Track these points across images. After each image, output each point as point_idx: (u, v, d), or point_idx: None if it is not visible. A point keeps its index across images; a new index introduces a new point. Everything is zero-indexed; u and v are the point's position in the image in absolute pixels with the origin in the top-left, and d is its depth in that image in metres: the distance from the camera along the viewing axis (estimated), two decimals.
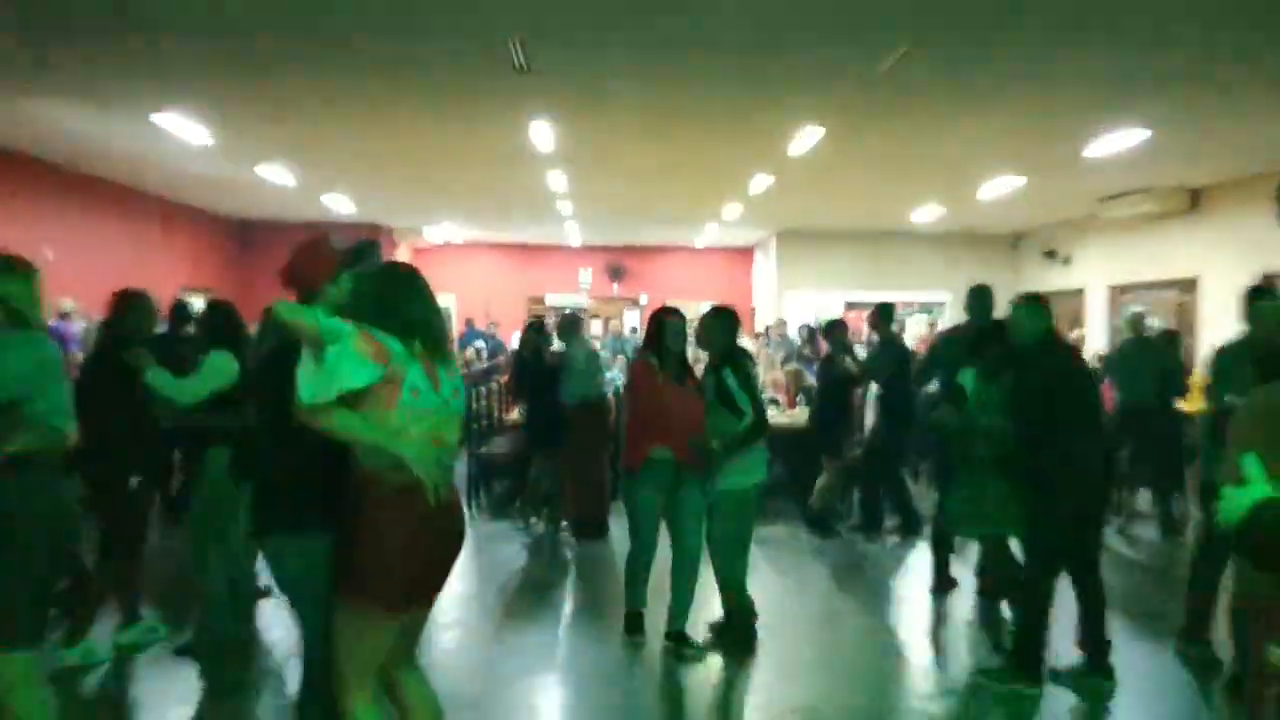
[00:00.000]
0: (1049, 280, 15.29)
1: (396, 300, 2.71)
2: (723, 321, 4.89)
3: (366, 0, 5.62)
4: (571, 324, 7.76)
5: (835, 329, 7.97)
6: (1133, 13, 5.61)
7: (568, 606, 5.80)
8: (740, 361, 4.86)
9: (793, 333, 13.65)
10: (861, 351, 8.84)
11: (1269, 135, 8.67)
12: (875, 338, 7.94)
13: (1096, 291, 14.11)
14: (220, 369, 4.42)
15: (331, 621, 2.68)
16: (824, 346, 8.62)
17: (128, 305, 4.71)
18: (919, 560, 6.72)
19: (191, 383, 4.36)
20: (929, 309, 16.67)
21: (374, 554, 2.59)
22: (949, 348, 6.19)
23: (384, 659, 2.72)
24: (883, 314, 7.72)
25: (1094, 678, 4.38)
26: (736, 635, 4.94)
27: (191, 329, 6.38)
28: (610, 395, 8.01)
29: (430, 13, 5.79)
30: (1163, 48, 6.21)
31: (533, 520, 7.73)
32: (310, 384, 2.50)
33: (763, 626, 5.05)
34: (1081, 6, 5.54)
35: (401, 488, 2.58)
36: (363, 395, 2.55)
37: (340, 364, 2.50)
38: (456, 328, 17.20)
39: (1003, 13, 5.64)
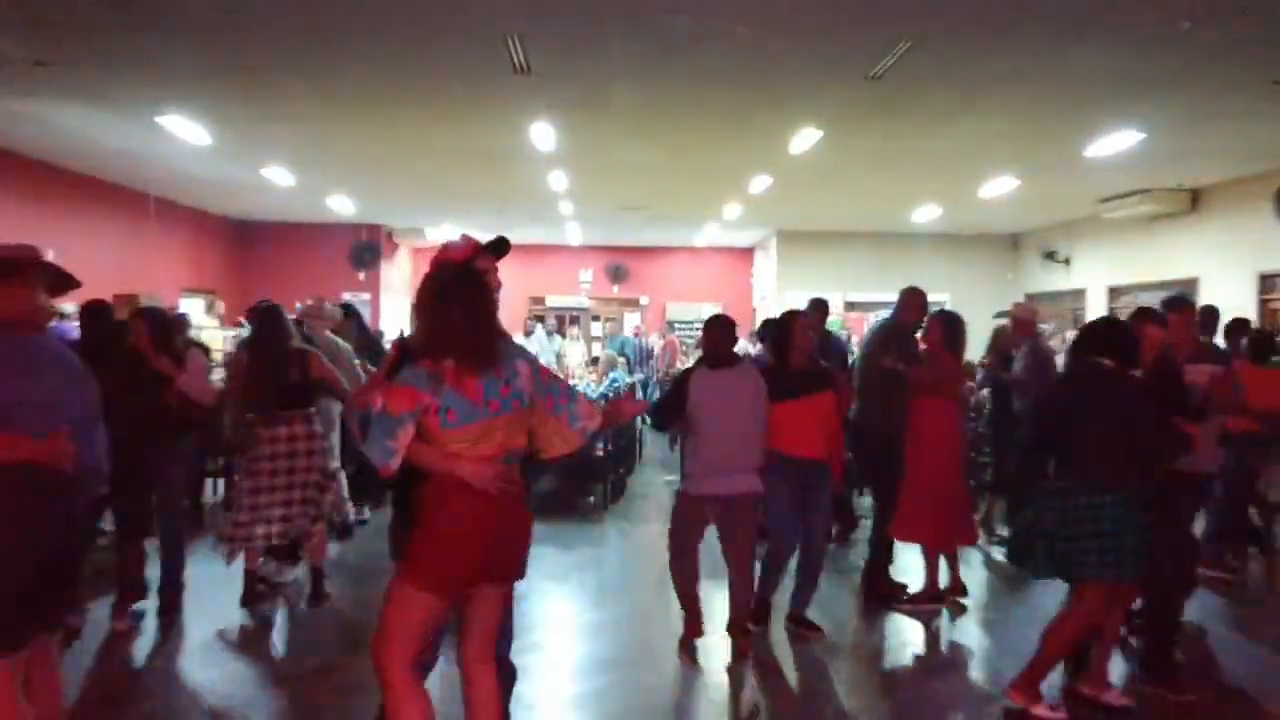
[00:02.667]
0: (1049, 281, 15.30)
1: (437, 315, 2.84)
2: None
3: (367, 2, 5.63)
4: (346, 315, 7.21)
5: (767, 329, 7.61)
6: (1132, 13, 5.61)
7: (565, 605, 5.82)
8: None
9: None
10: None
11: (1268, 136, 8.68)
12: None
13: (1096, 292, 14.11)
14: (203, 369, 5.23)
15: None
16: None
17: None
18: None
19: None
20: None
21: (423, 538, 2.82)
22: (870, 344, 6.20)
23: (421, 636, 2.85)
24: (810, 313, 7.06)
25: None
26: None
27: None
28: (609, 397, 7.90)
29: (430, 14, 5.80)
30: (1162, 48, 6.22)
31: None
32: (374, 456, 2.79)
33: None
34: (1080, 7, 5.55)
35: (456, 485, 2.79)
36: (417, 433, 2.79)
37: (383, 432, 2.76)
38: None
39: (1001, 13, 5.65)
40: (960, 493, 5.75)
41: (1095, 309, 14.10)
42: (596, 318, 20.23)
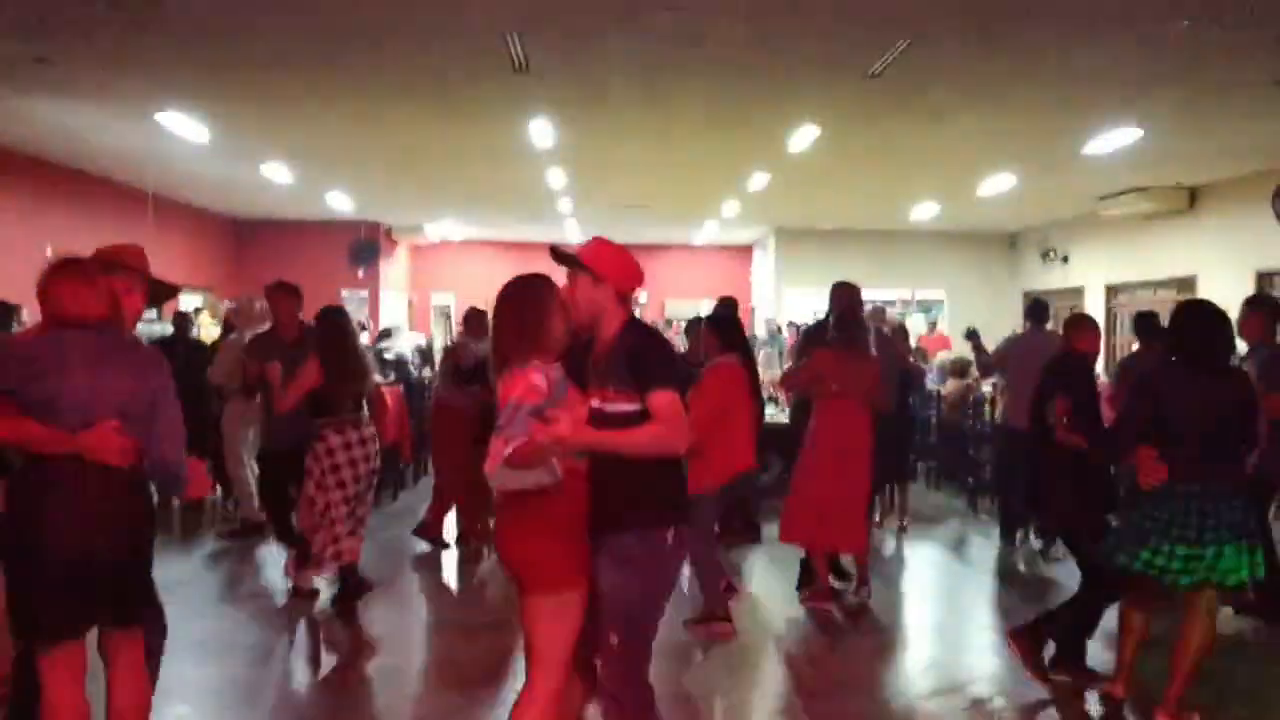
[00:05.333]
0: (1047, 279, 15.31)
1: None
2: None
3: (365, 0, 5.64)
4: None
5: (695, 326, 7.48)
6: (1131, 12, 5.62)
7: None
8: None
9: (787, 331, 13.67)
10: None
11: (1267, 135, 8.68)
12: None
13: (1094, 291, 14.12)
14: None
15: None
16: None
17: None
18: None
19: None
20: (927, 307, 16.70)
21: None
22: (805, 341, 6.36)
23: None
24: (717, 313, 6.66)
25: None
26: None
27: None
28: None
29: (429, 12, 5.80)
30: (1160, 46, 6.22)
31: None
32: None
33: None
34: (1079, 6, 5.55)
35: None
36: None
37: None
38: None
39: (1001, 12, 5.66)
40: (851, 497, 5.48)
41: (1093, 307, 14.12)
42: None
